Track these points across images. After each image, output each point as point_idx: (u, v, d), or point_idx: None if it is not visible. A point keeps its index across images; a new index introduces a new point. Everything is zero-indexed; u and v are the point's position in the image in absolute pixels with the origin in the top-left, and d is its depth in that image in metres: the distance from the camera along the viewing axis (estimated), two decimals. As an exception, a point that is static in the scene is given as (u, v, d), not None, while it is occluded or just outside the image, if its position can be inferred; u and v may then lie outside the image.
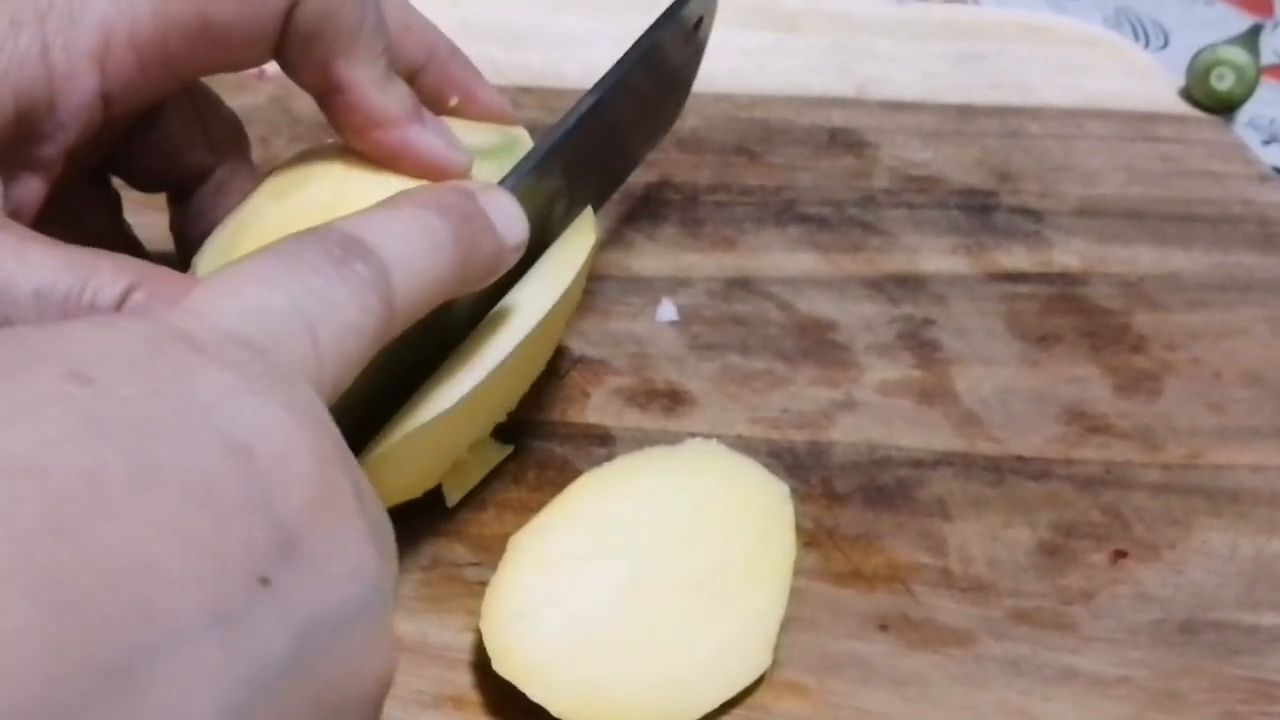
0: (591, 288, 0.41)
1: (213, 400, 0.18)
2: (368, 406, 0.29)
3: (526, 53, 0.51)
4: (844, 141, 0.50)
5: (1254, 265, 0.46)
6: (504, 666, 0.28)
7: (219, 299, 0.21)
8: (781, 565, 0.31)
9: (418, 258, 0.24)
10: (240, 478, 0.18)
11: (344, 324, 0.22)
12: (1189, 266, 0.46)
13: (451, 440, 0.31)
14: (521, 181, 0.30)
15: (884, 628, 0.32)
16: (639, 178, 0.46)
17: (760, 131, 0.49)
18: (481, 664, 0.29)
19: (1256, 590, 0.35)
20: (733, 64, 0.53)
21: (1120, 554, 0.35)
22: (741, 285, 0.42)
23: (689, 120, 0.49)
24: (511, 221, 0.27)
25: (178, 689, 0.16)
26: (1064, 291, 0.44)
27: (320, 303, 0.22)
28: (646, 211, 0.45)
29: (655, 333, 0.32)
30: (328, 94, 0.29)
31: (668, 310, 0.41)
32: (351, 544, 0.19)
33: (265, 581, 0.17)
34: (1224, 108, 0.54)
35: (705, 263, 0.43)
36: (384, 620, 0.20)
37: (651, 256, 0.43)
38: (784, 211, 0.46)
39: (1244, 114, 0.55)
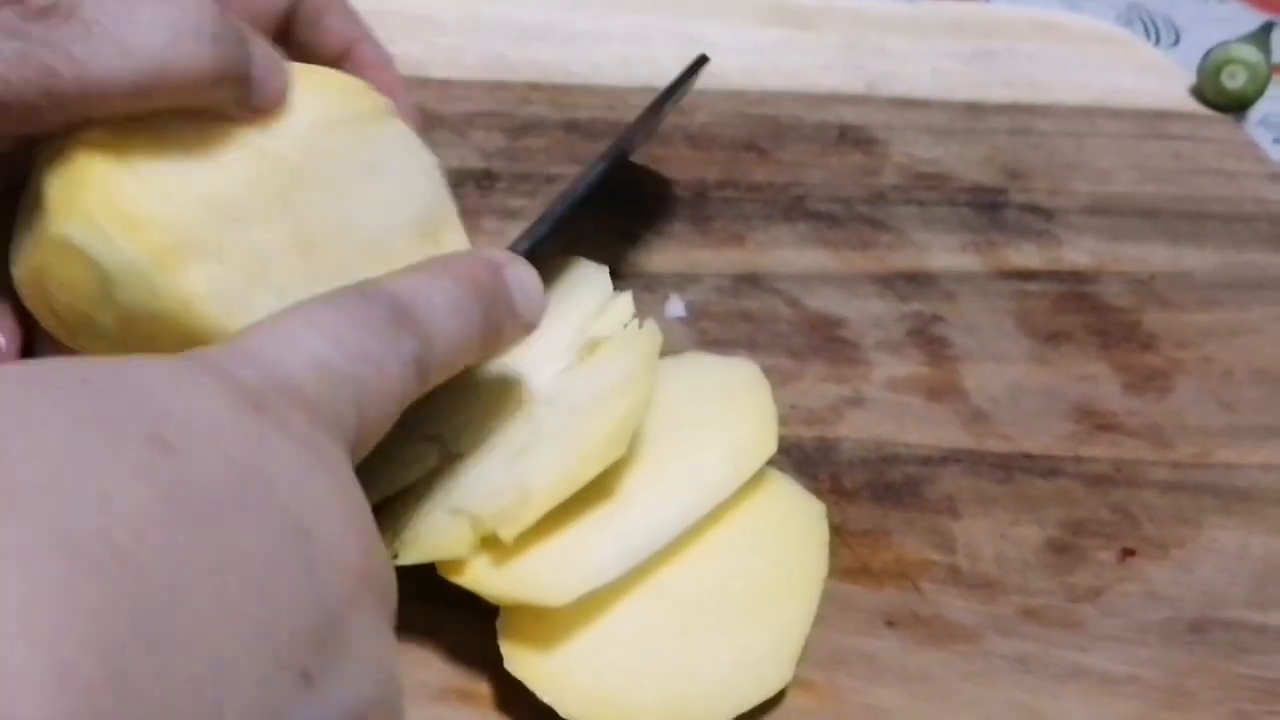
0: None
1: (276, 472, 0.19)
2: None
3: (536, 49, 0.51)
4: (854, 138, 0.49)
5: (1266, 264, 0.46)
6: (516, 666, 0.28)
7: (276, 347, 0.21)
8: (810, 583, 0.31)
9: (452, 335, 0.25)
10: (296, 564, 0.18)
11: (385, 392, 0.23)
12: (1200, 265, 0.46)
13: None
14: (537, 247, 0.32)
15: (892, 624, 0.32)
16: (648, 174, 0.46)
17: (770, 128, 0.49)
18: (490, 658, 0.28)
19: (1266, 589, 0.34)
20: (743, 61, 0.52)
21: (1129, 552, 0.35)
22: (750, 282, 0.42)
23: (698, 116, 0.49)
24: (532, 300, 0.28)
25: None
26: (1074, 289, 0.44)
27: (370, 369, 0.22)
28: (655, 208, 0.45)
29: (664, 329, 0.32)
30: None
31: (676, 306, 0.41)
32: (379, 630, 0.19)
33: (308, 678, 0.17)
34: (1236, 106, 0.54)
35: (714, 259, 0.43)
36: (398, 700, 0.20)
37: (660, 253, 0.43)
38: (793, 208, 0.46)
39: (1256, 112, 0.55)
